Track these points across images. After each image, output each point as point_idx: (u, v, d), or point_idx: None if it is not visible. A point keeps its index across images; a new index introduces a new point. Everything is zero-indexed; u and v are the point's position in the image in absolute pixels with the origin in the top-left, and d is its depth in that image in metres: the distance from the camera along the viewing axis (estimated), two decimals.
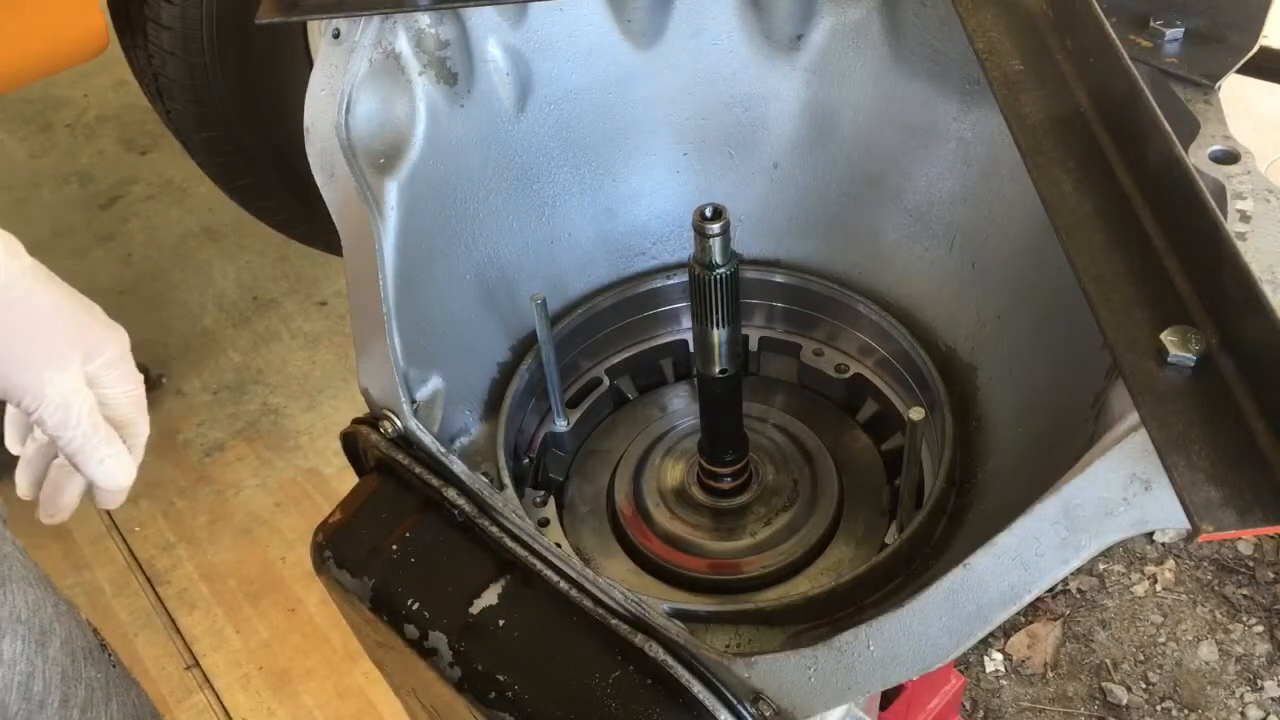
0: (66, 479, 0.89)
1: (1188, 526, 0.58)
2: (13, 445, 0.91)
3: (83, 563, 2.37)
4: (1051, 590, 2.15)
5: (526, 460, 1.19)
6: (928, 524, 1.00)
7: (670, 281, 1.26)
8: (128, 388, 0.86)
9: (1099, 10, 0.87)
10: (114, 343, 0.84)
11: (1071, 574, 2.17)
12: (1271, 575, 2.17)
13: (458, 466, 0.95)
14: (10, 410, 0.90)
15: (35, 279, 0.80)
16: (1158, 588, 2.17)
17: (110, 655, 1.09)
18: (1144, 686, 2.03)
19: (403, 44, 1.06)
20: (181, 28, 2.19)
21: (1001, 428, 1.07)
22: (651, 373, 1.30)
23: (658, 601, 0.91)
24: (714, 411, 1.08)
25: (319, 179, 1.02)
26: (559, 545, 0.94)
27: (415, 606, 0.91)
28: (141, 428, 0.89)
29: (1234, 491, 0.58)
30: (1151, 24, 0.94)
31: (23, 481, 0.91)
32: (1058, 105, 0.86)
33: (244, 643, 2.21)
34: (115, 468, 0.85)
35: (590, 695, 0.83)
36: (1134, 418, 0.66)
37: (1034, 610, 2.15)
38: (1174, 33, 0.93)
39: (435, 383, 1.06)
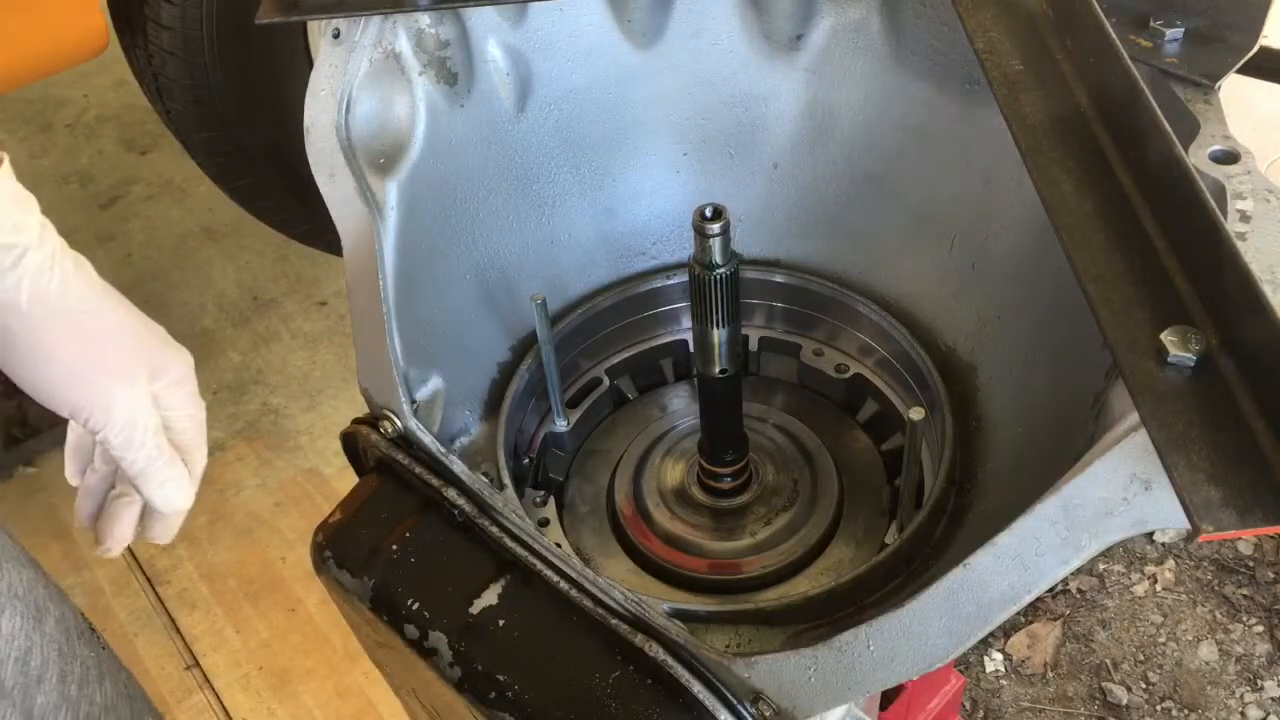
0: (123, 509, 0.88)
1: (1188, 526, 0.58)
2: (72, 477, 0.91)
3: (83, 563, 2.37)
4: (1051, 590, 2.15)
5: (526, 460, 1.19)
6: (928, 524, 1.00)
7: (670, 281, 1.26)
8: (191, 411, 0.86)
9: (1099, 10, 0.87)
10: (180, 364, 0.84)
11: (1071, 574, 2.17)
12: (1271, 575, 2.17)
13: (458, 466, 0.95)
14: (71, 441, 0.90)
15: (104, 297, 0.81)
16: (1158, 588, 2.17)
17: (100, 638, 1.10)
18: (1144, 686, 2.03)
19: (403, 44, 1.06)
20: (181, 28, 2.19)
21: (1001, 428, 1.07)
22: (651, 373, 1.30)
23: (658, 601, 0.91)
24: (714, 411, 1.08)
25: (319, 179, 1.02)
26: (559, 545, 0.94)
27: (415, 606, 0.91)
28: (201, 453, 0.88)
29: (1234, 491, 0.58)
30: (1151, 24, 0.94)
31: (82, 512, 0.91)
32: (1058, 105, 0.86)
33: (244, 643, 2.21)
34: (175, 491, 0.85)
35: (590, 695, 0.83)
36: (1134, 418, 0.66)
37: (1034, 610, 2.15)
38: (1174, 33, 0.93)
39: (435, 383, 1.06)
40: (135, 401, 0.81)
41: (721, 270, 0.94)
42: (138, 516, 0.89)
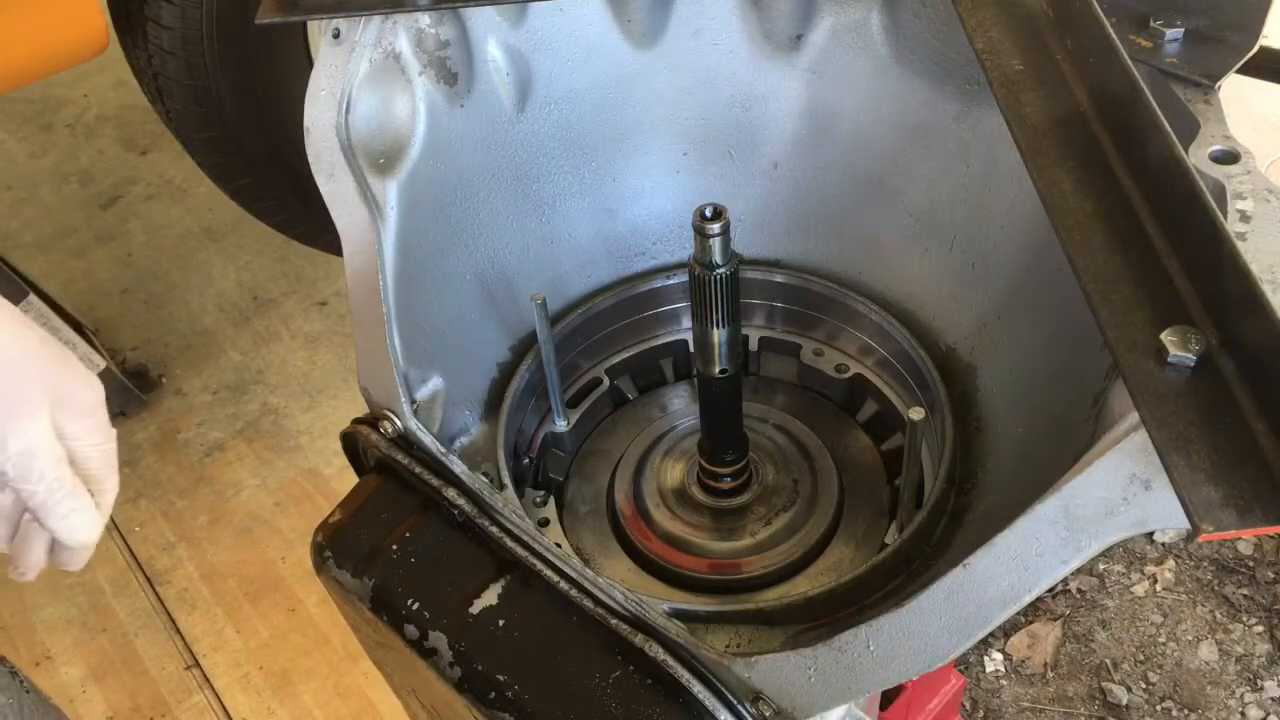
0: (35, 534, 0.84)
1: (1188, 526, 0.58)
2: None
3: None
4: (1051, 590, 2.15)
5: (526, 460, 1.19)
6: (928, 524, 1.00)
7: (670, 281, 1.26)
8: (98, 440, 0.81)
9: (1099, 10, 0.87)
10: (87, 392, 0.80)
11: (1071, 574, 2.17)
12: (1271, 575, 2.17)
13: (458, 466, 0.95)
14: None
15: (4, 325, 0.76)
16: (1158, 588, 2.17)
17: (22, 681, 1.07)
18: (1144, 686, 2.03)
19: (403, 44, 1.06)
20: (181, 28, 2.19)
21: (1001, 428, 1.07)
22: (651, 373, 1.30)
23: (658, 601, 0.91)
24: (714, 411, 1.08)
25: (319, 179, 1.02)
26: (559, 545, 0.94)
27: (415, 606, 0.91)
28: (110, 484, 0.84)
29: (1234, 491, 0.58)
30: (1151, 24, 0.94)
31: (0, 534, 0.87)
32: (1058, 105, 0.86)
33: (244, 643, 2.21)
34: (79, 524, 0.80)
35: (590, 695, 0.83)
36: (1134, 418, 0.66)
37: (1034, 610, 2.15)
38: (1174, 33, 0.93)
39: (435, 383, 1.06)
40: (34, 434, 0.76)
41: (721, 270, 0.94)
42: (49, 543, 0.85)
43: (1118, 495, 0.67)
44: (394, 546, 0.95)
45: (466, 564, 0.92)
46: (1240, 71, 0.93)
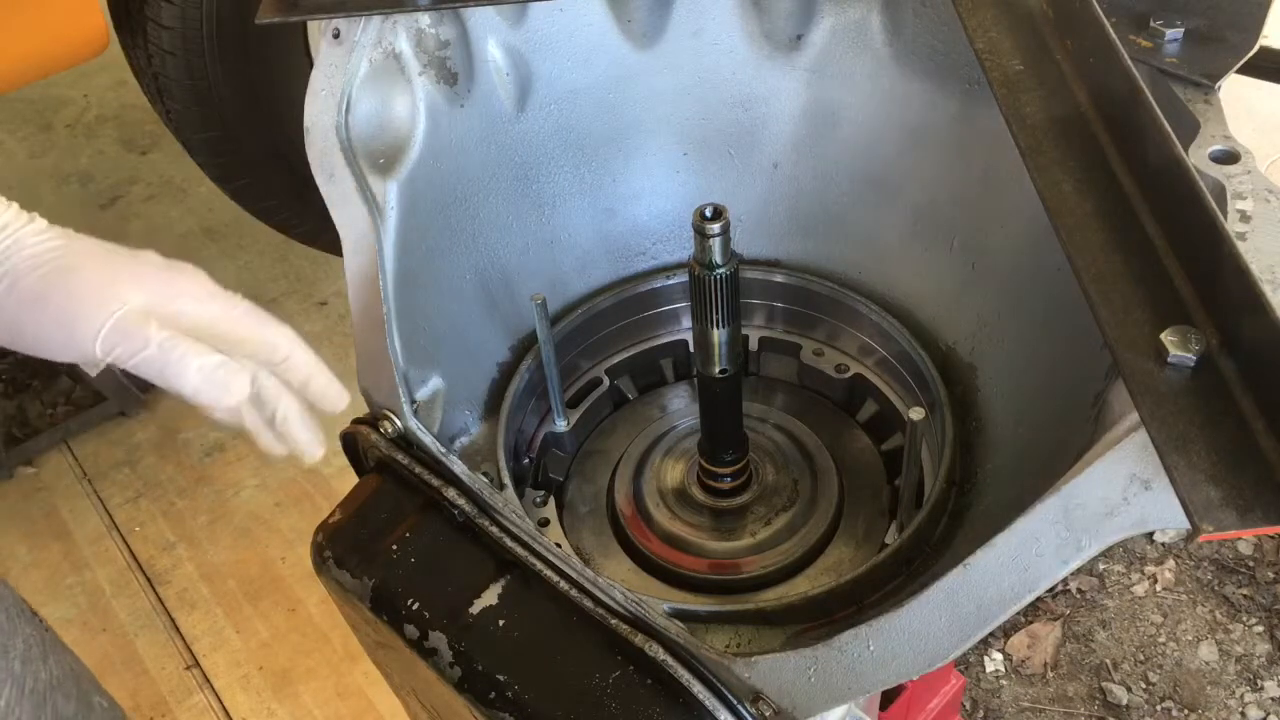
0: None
1: (1188, 526, 0.58)
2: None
3: (83, 563, 2.37)
4: (1051, 590, 2.15)
5: (526, 460, 1.19)
6: (928, 524, 1.00)
7: (670, 281, 1.26)
8: (218, 309, 0.84)
9: (1099, 10, 0.87)
10: (180, 279, 0.84)
11: (1071, 574, 2.17)
12: (1271, 575, 2.17)
13: (458, 466, 0.95)
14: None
15: (67, 241, 0.84)
16: (1158, 588, 2.17)
17: (42, 621, 1.11)
18: (1144, 686, 2.03)
19: (403, 44, 1.06)
20: (181, 28, 2.19)
21: (1001, 428, 1.07)
22: (651, 373, 1.30)
23: (658, 601, 0.91)
24: (714, 411, 1.08)
25: (319, 179, 1.02)
26: (559, 545, 0.94)
27: (415, 606, 0.91)
28: (264, 336, 0.86)
29: (1234, 491, 0.58)
30: (1151, 24, 0.94)
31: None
32: (1058, 105, 0.86)
33: (244, 643, 2.21)
34: (202, 380, 0.80)
35: (590, 695, 0.83)
36: (1134, 418, 0.66)
37: (1034, 610, 2.15)
38: (1174, 33, 0.93)
39: (435, 383, 1.06)
40: (122, 318, 0.79)
41: (721, 270, 0.94)
42: (294, 408, 0.90)
43: (1118, 495, 0.67)
44: (394, 546, 0.95)
45: (466, 564, 0.92)
46: (1240, 71, 0.92)
